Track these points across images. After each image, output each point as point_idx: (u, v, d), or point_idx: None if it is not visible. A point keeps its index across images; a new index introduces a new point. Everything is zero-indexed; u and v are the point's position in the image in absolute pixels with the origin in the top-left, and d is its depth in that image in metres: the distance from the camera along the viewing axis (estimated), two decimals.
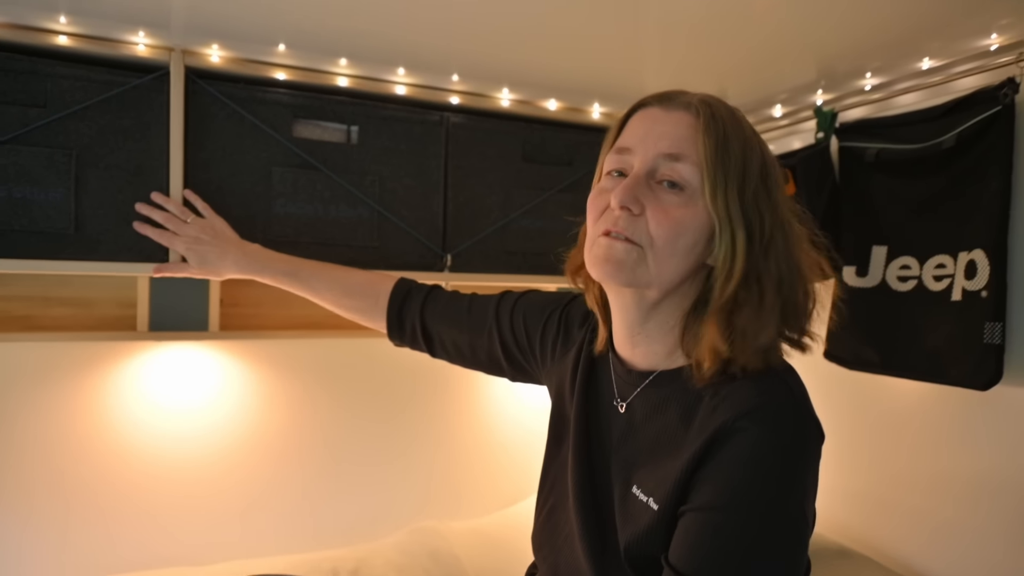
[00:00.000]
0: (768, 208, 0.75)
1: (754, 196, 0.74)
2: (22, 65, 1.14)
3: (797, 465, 0.69)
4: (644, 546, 0.75)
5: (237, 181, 1.29)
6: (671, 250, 0.75)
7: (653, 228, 0.75)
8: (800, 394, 0.74)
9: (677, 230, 0.74)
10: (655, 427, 0.80)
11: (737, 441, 0.69)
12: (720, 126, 0.74)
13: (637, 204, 0.74)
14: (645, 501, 0.76)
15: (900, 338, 1.27)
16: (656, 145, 0.76)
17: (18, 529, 1.36)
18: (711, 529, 0.68)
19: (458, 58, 1.32)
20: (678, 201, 0.75)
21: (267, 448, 1.56)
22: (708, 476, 0.71)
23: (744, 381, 0.73)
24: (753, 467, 0.68)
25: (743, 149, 0.74)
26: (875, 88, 1.34)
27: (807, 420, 0.72)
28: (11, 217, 1.14)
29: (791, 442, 0.70)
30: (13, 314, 1.40)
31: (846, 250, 1.37)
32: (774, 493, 0.68)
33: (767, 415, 0.70)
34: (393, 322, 1.16)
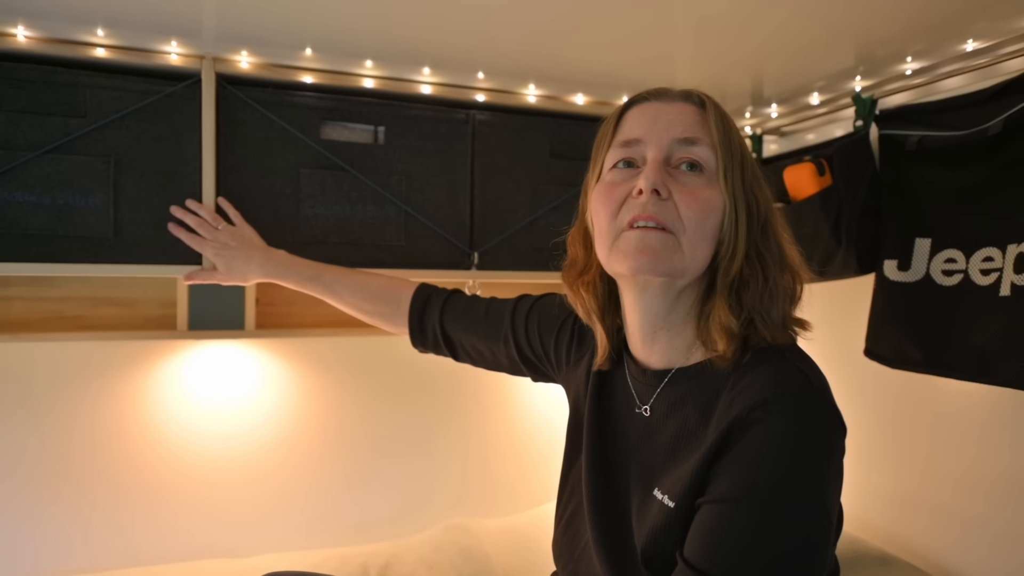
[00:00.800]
0: (760, 192, 0.79)
1: (752, 179, 0.78)
2: (63, 77, 1.19)
3: (817, 458, 0.67)
4: (660, 545, 0.74)
5: (267, 183, 1.32)
6: (703, 232, 0.75)
7: (683, 211, 0.74)
8: (819, 385, 0.71)
9: (706, 211, 0.75)
10: (674, 426, 0.79)
11: (754, 432, 0.68)
12: (721, 114, 0.77)
13: (664, 188, 0.75)
14: (662, 500, 0.75)
15: (945, 335, 1.21)
16: (669, 131, 0.77)
17: (67, 515, 1.43)
18: (726, 522, 0.66)
19: (483, 56, 1.31)
20: (701, 182, 0.76)
21: (302, 444, 1.60)
22: (724, 468, 0.69)
23: (761, 372, 0.72)
24: (771, 459, 0.66)
25: (739, 137, 0.78)
26: (916, 72, 1.27)
27: (827, 411, 0.69)
28: (55, 223, 1.19)
29: (810, 434, 0.67)
30: (65, 314, 1.47)
31: (887, 243, 1.31)
32: (792, 487, 0.65)
33: (784, 406, 0.68)
34: (415, 329, 1.18)
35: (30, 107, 1.17)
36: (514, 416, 1.79)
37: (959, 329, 1.18)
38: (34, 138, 1.17)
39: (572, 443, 0.94)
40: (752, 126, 1.67)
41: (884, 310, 1.31)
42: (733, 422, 0.69)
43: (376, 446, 1.66)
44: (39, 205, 1.18)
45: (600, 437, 0.88)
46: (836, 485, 0.69)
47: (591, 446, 0.87)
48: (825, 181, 1.34)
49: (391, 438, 1.68)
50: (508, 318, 1.09)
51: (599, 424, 0.89)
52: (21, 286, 1.42)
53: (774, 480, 0.66)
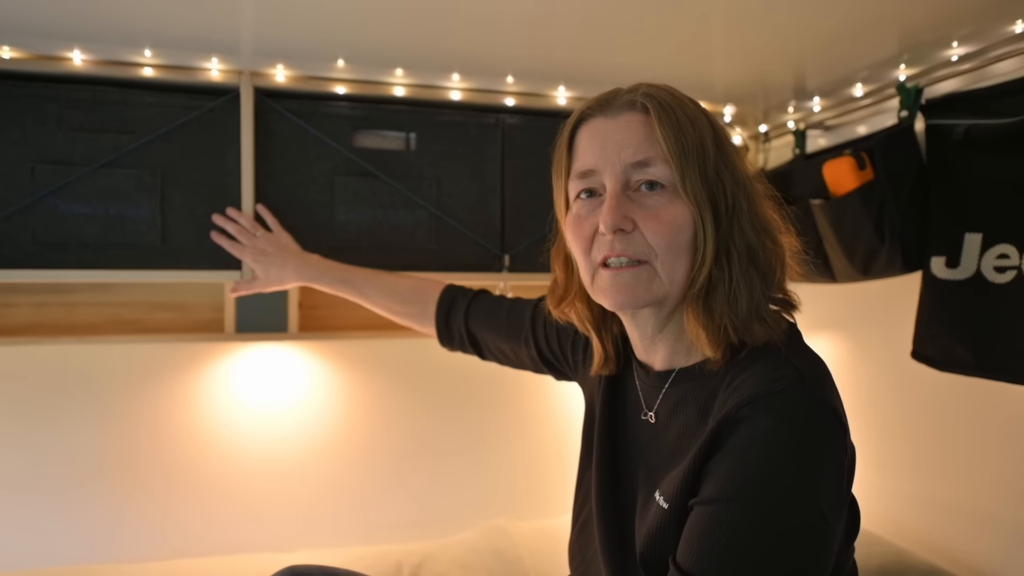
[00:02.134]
0: (728, 175, 0.74)
1: (715, 170, 0.73)
2: (114, 97, 1.28)
3: (810, 457, 0.64)
4: (657, 547, 0.72)
5: (302, 191, 1.37)
6: (675, 252, 0.73)
7: (651, 238, 0.73)
8: (813, 378, 0.68)
9: (674, 230, 0.73)
10: (676, 428, 0.78)
11: (743, 431, 0.65)
12: (670, 114, 0.72)
13: (627, 221, 0.73)
14: (659, 501, 0.74)
15: (996, 336, 1.13)
16: (620, 156, 0.74)
17: (127, 508, 1.52)
18: (716, 524, 0.64)
19: (512, 60, 1.33)
20: (664, 201, 0.73)
21: (342, 444, 1.65)
22: (714, 468, 0.67)
23: (753, 369, 0.70)
24: (760, 457, 0.64)
25: (694, 127, 0.73)
26: (963, 58, 1.20)
27: (820, 407, 0.66)
28: (108, 233, 1.28)
29: (802, 431, 0.64)
30: (124, 318, 1.57)
31: (934, 239, 1.24)
32: (783, 485, 0.63)
33: (774, 402, 0.65)
34: (442, 329, 1.20)
35: (85, 125, 1.26)
36: (555, 416, 1.78)
37: (1012, 329, 1.11)
38: (89, 154, 1.26)
39: (586, 447, 0.94)
40: (795, 121, 1.61)
41: (932, 310, 1.24)
42: (723, 420, 0.67)
43: (419, 446, 1.69)
44: (94, 216, 1.27)
45: (610, 441, 0.87)
46: (835, 484, 0.65)
47: (601, 450, 0.87)
48: (866, 175, 1.28)
49: (433, 438, 1.71)
50: (529, 319, 1.09)
51: (610, 428, 0.88)
52: (86, 292, 1.53)
53: (763, 479, 0.63)
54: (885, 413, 1.48)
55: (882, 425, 1.48)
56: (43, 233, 1.25)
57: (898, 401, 1.45)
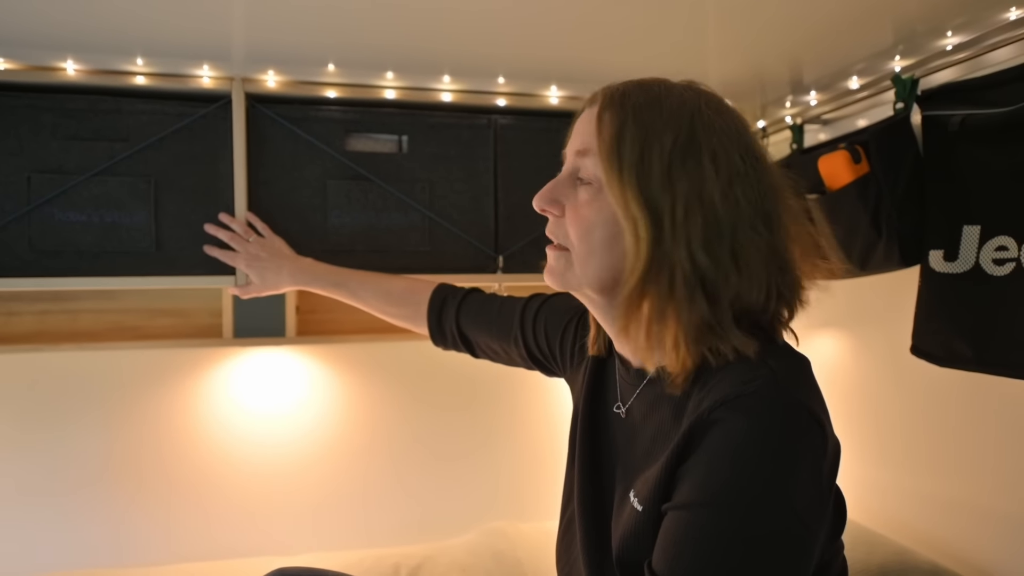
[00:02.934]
0: (687, 189, 0.68)
1: (663, 179, 0.68)
2: (108, 105, 1.29)
3: (784, 458, 0.62)
4: (633, 552, 0.71)
5: (295, 196, 1.37)
6: (587, 248, 0.73)
7: (568, 228, 0.75)
8: (787, 378, 0.66)
9: (585, 226, 0.73)
10: (651, 427, 0.77)
11: (715, 433, 0.64)
12: (620, 112, 0.70)
13: (556, 206, 0.76)
14: (633, 503, 0.73)
15: (997, 330, 1.11)
16: (572, 144, 0.76)
17: (129, 513, 1.54)
18: (690, 529, 0.63)
19: (503, 60, 1.32)
20: (587, 197, 0.73)
21: (343, 446, 1.65)
22: (687, 472, 0.66)
23: (728, 370, 0.67)
24: (733, 461, 0.62)
25: (648, 131, 0.69)
26: (958, 47, 1.18)
27: (796, 409, 0.64)
28: (103, 240, 1.29)
29: (776, 434, 0.62)
30: (125, 324, 1.59)
31: (932, 232, 1.21)
32: (759, 490, 0.61)
33: (747, 403, 0.63)
34: (434, 328, 1.21)
35: (79, 134, 1.27)
36: (556, 419, 1.77)
37: (1011, 322, 1.08)
38: (83, 162, 1.27)
39: (570, 444, 0.93)
40: (792, 116, 1.59)
41: (930, 304, 1.21)
42: (695, 423, 0.66)
43: (418, 449, 1.69)
44: (89, 224, 1.28)
45: (591, 438, 0.87)
46: (812, 485, 0.63)
47: (583, 447, 0.87)
48: (861, 169, 1.26)
49: (433, 441, 1.71)
50: (518, 317, 1.09)
51: (591, 425, 0.88)
52: (87, 299, 1.55)
53: (736, 483, 0.61)
54: (886, 410, 1.45)
55: (883, 422, 1.46)
56: (40, 241, 1.26)
57: (899, 397, 1.43)
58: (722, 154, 0.69)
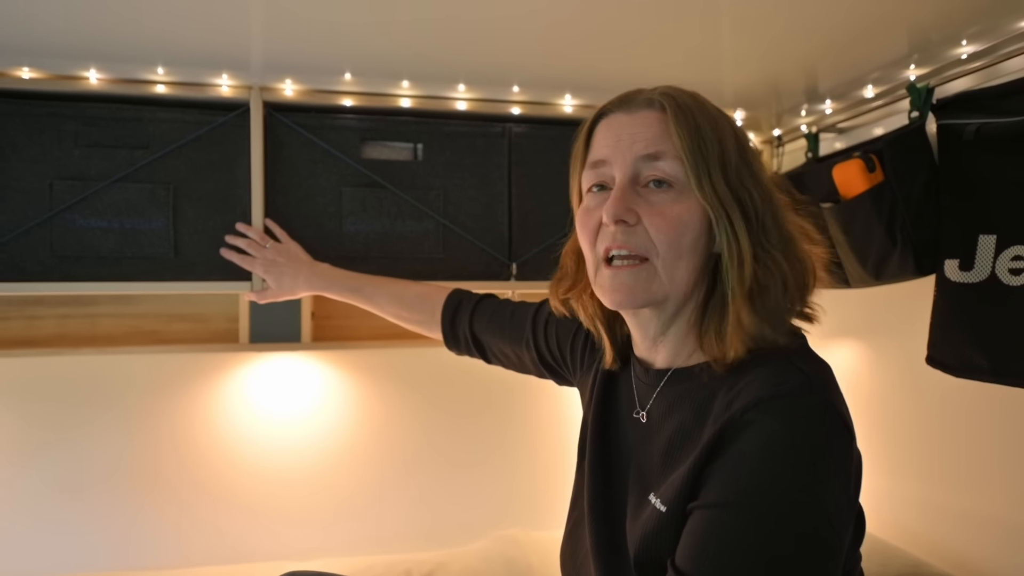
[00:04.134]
0: (753, 183, 0.73)
1: (738, 175, 0.72)
2: (129, 113, 1.31)
3: (815, 461, 0.62)
4: (652, 551, 0.71)
5: (311, 203, 1.39)
6: (677, 252, 0.72)
7: (654, 234, 0.72)
8: (819, 383, 0.67)
9: (678, 228, 0.72)
10: (670, 428, 0.77)
11: (748, 435, 0.64)
12: (688, 114, 0.72)
13: (631, 214, 0.73)
14: (654, 504, 0.73)
15: (1013, 340, 1.10)
16: (632, 149, 0.74)
17: (144, 515, 1.56)
18: (718, 528, 0.63)
19: (518, 69, 1.33)
20: (670, 199, 0.73)
21: (358, 452, 1.66)
22: (716, 472, 0.66)
23: (759, 373, 0.68)
24: (765, 461, 0.63)
25: (715, 131, 0.72)
26: (973, 56, 1.18)
27: (826, 412, 0.65)
28: (123, 246, 1.31)
29: (807, 435, 0.63)
30: (144, 329, 1.61)
31: (947, 241, 1.20)
32: (788, 491, 0.61)
33: (780, 406, 0.64)
34: (448, 333, 1.22)
35: (101, 142, 1.30)
36: (570, 425, 1.77)
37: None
38: (104, 169, 1.30)
39: (580, 448, 0.94)
40: (808, 124, 1.59)
41: (946, 314, 1.20)
42: (727, 423, 0.66)
43: (432, 455, 1.70)
44: (109, 230, 1.30)
45: (602, 443, 0.87)
46: (842, 490, 0.64)
47: (593, 452, 0.87)
48: (876, 177, 1.25)
49: (447, 447, 1.71)
50: (530, 322, 1.10)
51: (602, 428, 0.88)
52: (107, 304, 1.57)
53: (768, 484, 0.62)
54: (901, 420, 1.44)
55: (898, 432, 1.45)
56: (61, 247, 1.28)
57: (914, 408, 1.41)
58: (754, 152, 0.76)
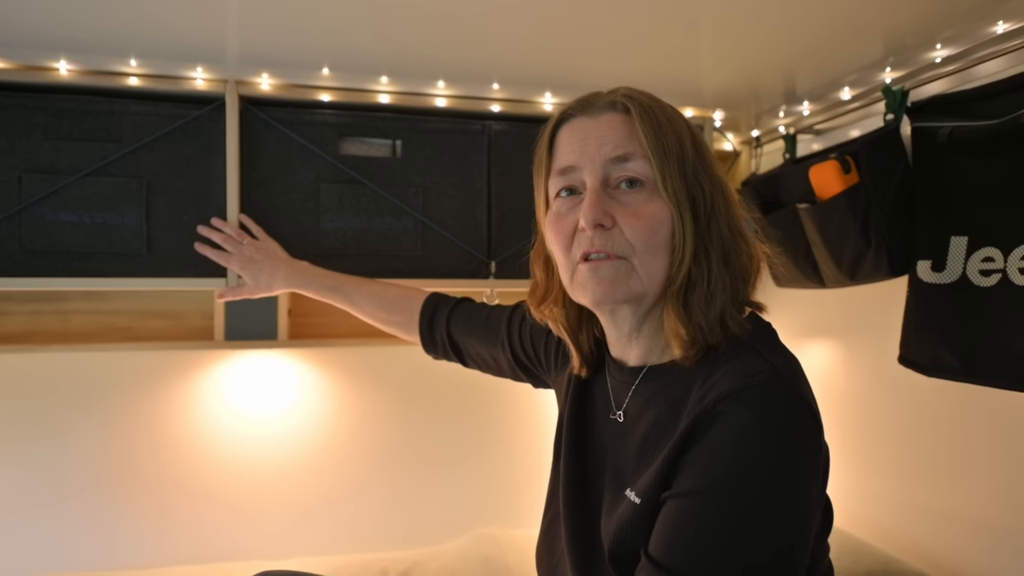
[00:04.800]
0: (706, 178, 0.75)
1: (694, 172, 0.75)
2: (101, 106, 1.29)
3: (784, 451, 0.64)
4: (627, 543, 0.72)
5: (288, 199, 1.37)
6: (654, 250, 0.74)
7: (630, 234, 0.73)
8: (789, 376, 0.68)
9: (653, 227, 0.73)
10: (646, 423, 0.77)
11: (720, 425, 0.66)
12: (651, 114, 0.74)
13: (608, 217, 0.74)
14: (629, 497, 0.73)
15: (983, 340, 1.12)
16: (600, 152, 0.75)
17: (121, 515, 1.53)
18: (690, 516, 0.64)
19: (498, 67, 1.33)
20: (642, 198, 0.74)
21: (334, 450, 1.65)
22: (689, 461, 0.67)
23: (731, 366, 0.69)
24: (736, 451, 0.64)
25: (674, 130, 0.75)
26: (947, 60, 1.19)
27: (796, 403, 0.66)
28: (94, 241, 1.29)
29: (777, 426, 0.65)
30: (117, 326, 1.58)
31: (920, 242, 1.22)
32: (760, 480, 0.63)
33: (750, 396, 0.65)
34: (425, 336, 1.22)
35: (71, 134, 1.27)
36: (546, 425, 1.77)
37: (998, 333, 1.09)
38: (75, 163, 1.27)
39: (555, 449, 0.94)
40: (786, 125, 1.60)
41: (918, 314, 1.22)
42: (700, 414, 0.67)
43: (409, 454, 1.69)
44: (79, 224, 1.28)
45: (578, 441, 0.87)
46: (810, 479, 0.65)
47: (568, 450, 0.87)
48: (851, 179, 1.27)
49: (424, 446, 1.70)
50: (505, 324, 1.10)
51: (577, 429, 0.88)
52: (78, 300, 1.54)
53: (739, 472, 0.63)
54: (876, 418, 1.46)
55: (872, 430, 1.46)
56: (30, 241, 1.26)
57: (888, 406, 1.43)
58: (706, 146, 0.79)
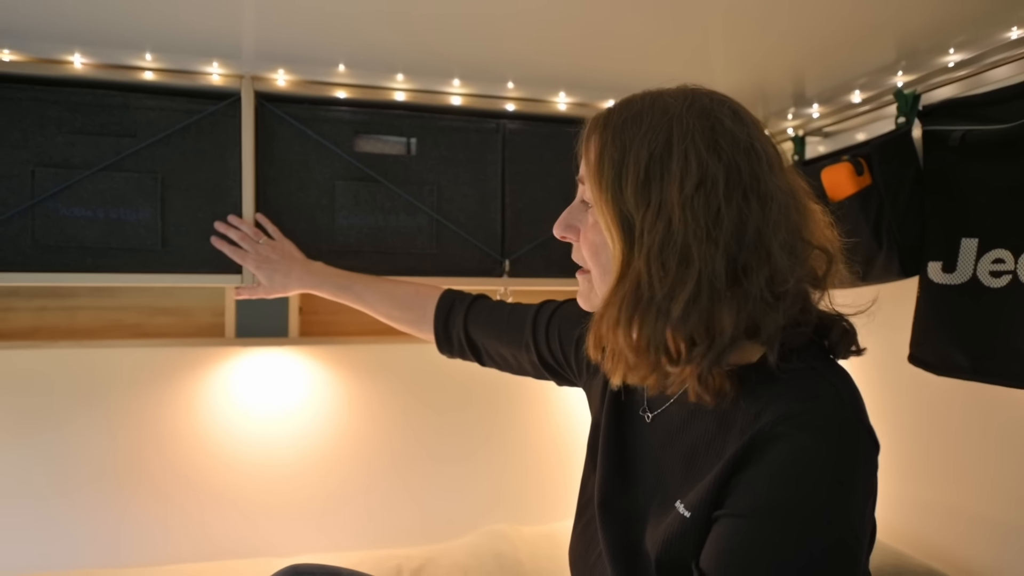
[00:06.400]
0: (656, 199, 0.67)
1: (637, 193, 0.68)
2: (115, 100, 1.28)
3: (845, 476, 0.63)
4: (675, 553, 0.72)
5: (303, 195, 1.37)
6: (601, 269, 0.75)
7: (583, 252, 0.77)
8: (850, 397, 0.67)
9: (592, 249, 0.75)
10: (692, 435, 0.77)
11: (779, 447, 0.64)
12: (602, 134, 0.72)
13: (572, 231, 0.78)
14: (678, 509, 0.73)
15: (992, 340, 1.14)
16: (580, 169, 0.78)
17: (128, 512, 1.53)
18: (748, 538, 0.64)
19: (513, 66, 1.33)
20: (592, 221, 0.75)
21: (344, 448, 1.65)
22: (746, 481, 0.66)
23: (789, 384, 0.67)
24: (796, 475, 0.63)
25: (625, 149, 0.69)
26: (960, 65, 1.21)
27: (858, 427, 0.65)
28: (109, 236, 1.27)
29: (840, 451, 0.64)
30: (126, 323, 1.57)
31: (931, 244, 1.24)
32: (818, 504, 0.62)
33: (812, 421, 0.64)
34: (440, 335, 1.20)
35: (85, 129, 1.26)
36: (557, 421, 1.79)
37: (1007, 333, 1.11)
38: (89, 157, 1.26)
39: (591, 450, 0.93)
40: (794, 128, 1.62)
41: (928, 314, 1.25)
42: (756, 435, 0.66)
43: (420, 451, 1.69)
44: (94, 220, 1.26)
45: (617, 445, 0.87)
46: (867, 503, 0.65)
47: (607, 454, 0.87)
48: (864, 181, 1.29)
49: (435, 443, 1.71)
50: (530, 324, 1.09)
51: (616, 431, 0.88)
52: (86, 296, 1.53)
53: (799, 497, 0.62)
54: (884, 417, 1.48)
55: (881, 429, 1.46)
56: (43, 236, 1.24)
57: (898, 405, 1.46)
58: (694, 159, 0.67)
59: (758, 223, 0.66)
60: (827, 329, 0.73)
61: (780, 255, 0.67)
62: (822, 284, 0.73)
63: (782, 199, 0.69)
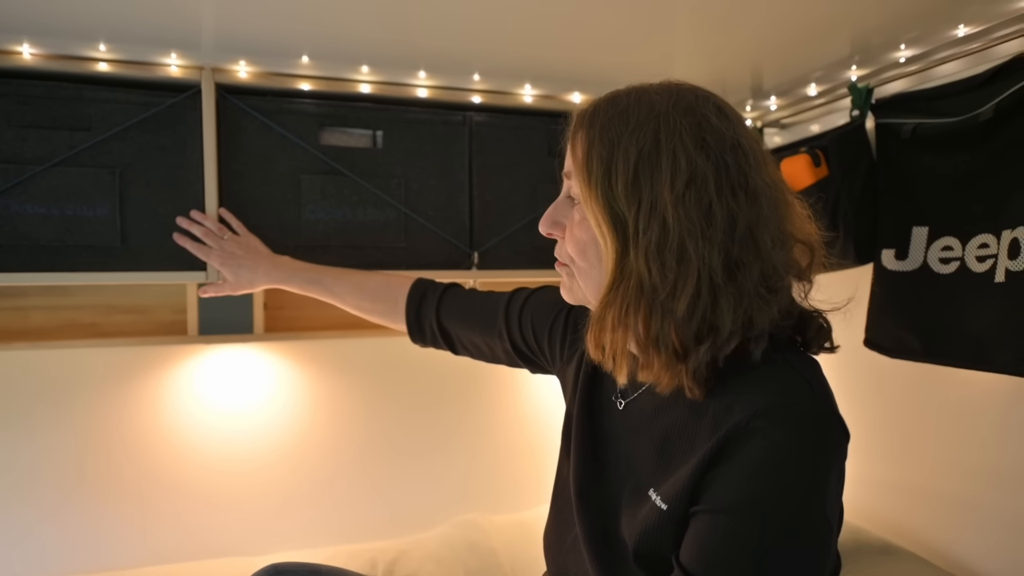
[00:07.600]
0: (651, 198, 0.67)
1: (627, 190, 0.68)
2: (68, 92, 1.23)
3: (819, 469, 0.65)
4: (652, 544, 0.73)
5: (268, 190, 1.35)
6: (586, 265, 0.75)
7: (568, 248, 0.77)
8: (822, 391, 0.69)
9: (579, 245, 0.75)
10: (665, 422, 0.78)
11: (755, 442, 0.65)
12: (590, 131, 0.72)
13: (558, 227, 0.79)
14: (654, 500, 0.74)
15: (943, 324, 1.20)
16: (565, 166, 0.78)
17: (83, 516, 1.48)
18: (725, 532, 0.65)
19: (479, 58, 1.33)
20: (578, 217, 0.75)
21: (313, 443, 1.63)
22: (722, 477, 0.67)
23: (761, 378, 0.68)
24: (772, 470, 0.64)
25: (614, 145, 0.69)
26: (911, 60, 1.27)
27: (830, 420, 0.67)
28: (64, 233, 1.23)
29: (814, 446, 0.65)
30: (81, 322, 1.51)
31: (885, 232, 1.30)
32: (796, 500, 0.64)
33: (787, 415, 0.65)
34: (412, 324, 1.19)
35: (37, 122, 1.21)
36: (525, 411, 1.80)
37: (957, 317, 1.18)
38: (41, 152, 1.21)
39: (564, 437, 0.94)
40: (753, 119, 1.66)
41: (882, 300, 1.31)
42: (732, 430, 0.67)
43: (387, 445, 1.69)
44: (48, 217, 1.22)
45: (590, 432, 0.88)
46: (837, 492, 0.68)
47: (580, 440, 0.87)
48: (821, 172, 1.34)
49: (402, 437, 1.70)
50: (503, 312, 1.09)
51: (589, 418, 0.89)
52: (38, 296, 1.47)
53: (776, 491, 0.64)
54: (841, 398, 1.54)
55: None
56: None
57: (853, 387, 1.52)
58: (683, 157, 0.67)
59: (748, 219, 0.67)
60: (804, 325, 0.74)
61: (771, 250, 0.68)
62: (806, 276, 0.74)
63: (769, 194, 0.69)
